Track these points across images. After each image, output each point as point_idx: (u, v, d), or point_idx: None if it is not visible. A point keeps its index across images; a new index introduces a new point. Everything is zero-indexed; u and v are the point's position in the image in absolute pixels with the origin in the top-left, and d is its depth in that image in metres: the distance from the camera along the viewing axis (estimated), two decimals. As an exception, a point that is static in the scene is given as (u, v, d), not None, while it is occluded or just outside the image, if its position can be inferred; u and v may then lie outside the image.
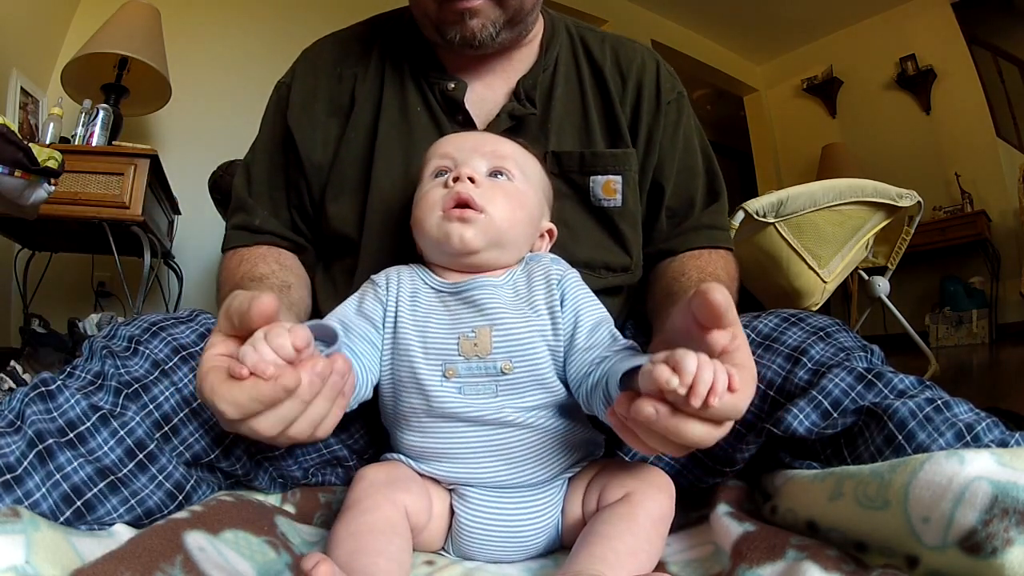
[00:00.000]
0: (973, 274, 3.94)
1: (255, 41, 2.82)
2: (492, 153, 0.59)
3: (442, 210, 0.55)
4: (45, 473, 0.46)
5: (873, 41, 4.41)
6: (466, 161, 0.58)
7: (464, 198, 0.54)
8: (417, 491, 0.50)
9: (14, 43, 2.18)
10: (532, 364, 0.52)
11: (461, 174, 0.56)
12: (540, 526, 0.52)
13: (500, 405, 0.51)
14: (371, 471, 0.50)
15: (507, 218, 0.56)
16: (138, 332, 0.58)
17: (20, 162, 1.19)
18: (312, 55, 0.79)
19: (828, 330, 0.59)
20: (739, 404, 0.40)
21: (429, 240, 0.57)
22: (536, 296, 0.56)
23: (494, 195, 0.56)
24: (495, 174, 0.58)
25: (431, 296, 0.57)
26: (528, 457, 0.52)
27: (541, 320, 0.54)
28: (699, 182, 0.79)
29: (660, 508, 0.48)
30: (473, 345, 0.52)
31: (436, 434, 0.52)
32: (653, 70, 0.78)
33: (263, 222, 0.74)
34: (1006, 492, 0.34)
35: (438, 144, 0.62)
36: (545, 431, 0.52)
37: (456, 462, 0.52)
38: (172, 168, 2.14)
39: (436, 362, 0.52)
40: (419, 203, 0.58)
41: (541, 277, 0.57)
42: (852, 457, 0.51)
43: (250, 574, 0.43)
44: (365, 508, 0.46)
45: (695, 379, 0.37)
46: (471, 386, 0.52)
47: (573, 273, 0.59)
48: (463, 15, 0.66)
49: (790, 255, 1.88)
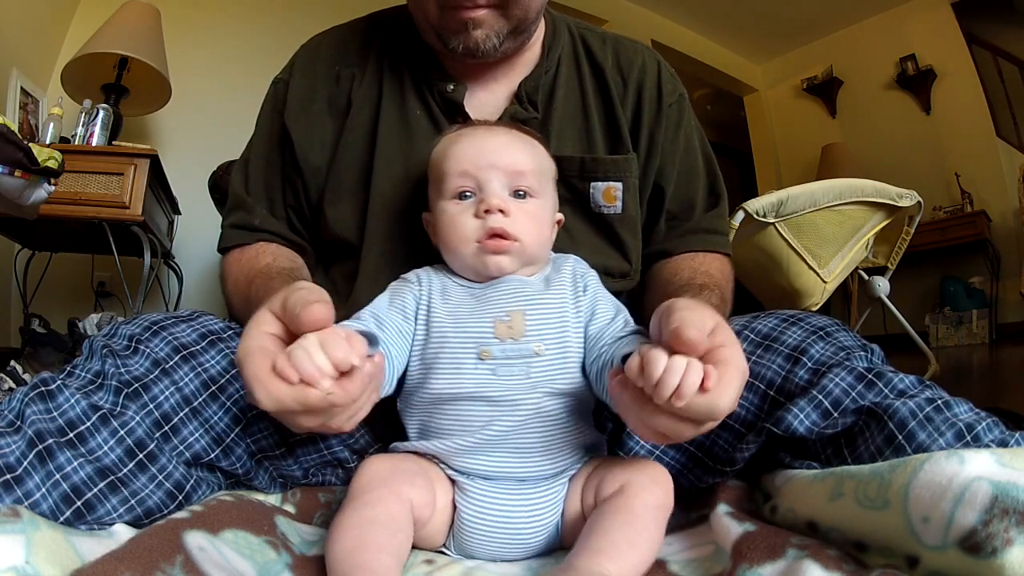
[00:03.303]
0: (973, 274, 3.94)
1: (255, 41, 2.82)
2: (510, 169, 0.59)
3: (477, 241, 0.57)
4: (45, 473, 0.46)
5: (873, 41, 4.41)
6: (488, 183, 0.58)
7: (498, 231, 0.56)
8: (422, 484, 0.50)
9: (14, 43, 2.18)
10: (562, 347, 0.54)
11: (492, 206, 0.57)
12: (541, 524, 0.52)
13: (532, 385, 0.52)
14: (375, 462, 0.50)
15: (536, 241, 0.59)
16: (138, 331, 0.58)
17: (20, 162, 1.19)
18: (310, 51, 0.78)
19: (828, 330, 0.59)
20: (715, 404, 0.40)
21: (463, 266, 0.59)
22: (564, 286, 0.59)
23: (522, 221, 0.58)
24: (516, 193, 0.59)
25: (461, 292, 0.58)
26: (541, 445, 0.53)
27: (568, 305, 0.57)
28: (700, 184, 0.78)
29: (656, 498, 0.48)
30: (508, 328, 0.54)
31: (460, 418, 0.53)
32: (654, 72, 0.78)
33: (262, 221, 0.74)
34: (1006, 492, 0.34)
35: (453, 155, 0.60)
36: (562, 421, 0.53)
37: (471, 448, 0.52)
38: (172, 168, 2.14)
39: (471, 345, 0.54)
40: (450, 231, 0.59)
41: (568, 271, 0.61)
42: (852, 457, 0.51)
43: (250, 574, 0.43)
44: (368, 501, 0.46)
45: (659, 380, 0.39)
46: (505, 367, 0.53)
47: (594, 272, 0.63)
48: (466, 25, 0.65)
49: (790, 255, 1.88)
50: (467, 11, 0.64)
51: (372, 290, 0.61)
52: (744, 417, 0.57)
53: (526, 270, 0.60)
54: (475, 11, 0.64)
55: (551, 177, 0.64)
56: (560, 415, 0.53)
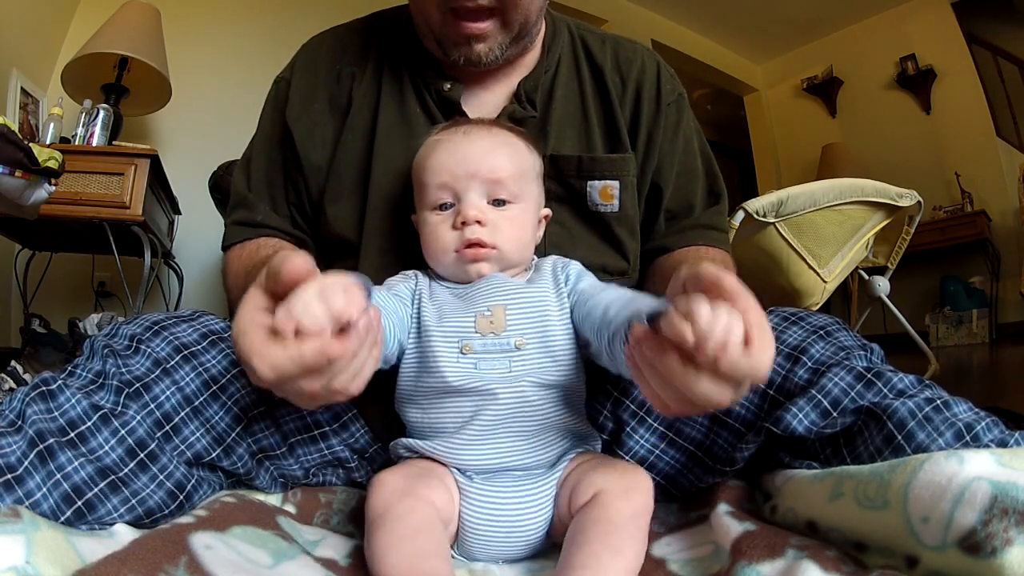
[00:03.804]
0: (973, 274, 3.94)
1: (255, 41, 2.82)
2: (488, 177, 0.59)
3: (455, 251, 0.59)
4: (46, 473, 0.46)
5: (873, 41, 4.41)
6: (466, 194, 0.59)
7: (475, 242, 0.58)
8: (438, 485, 0.51)
9: (14, 43, 2.18)
10: (544, 340, 0.55)
11: (469, 218, 0.58)
12: (539, 517, 0.52)
13: (514, 378, 0.53)
14: (390, 476, 0.50)
15: (515, 247, 0.61)
16: (139, 331, 0.58)
17: (20, 162, 1.19)
18: (311, 51, 0.79)
19: (828, 329, 0.59)
20: (760, 361, 0.37)
21: (445, 272, 0.61)
22: (545, 281, 0.60)
23: (501, 228, 0.59)
24: (495, 201, 0.60)
25: (447, 293, 0.60)
26: (530, 433, 0.53)
27: (550, 299, 0.58)
28: (698, 184, 0.79)
29: (632, 505, 0.47)
30: (489, 322, 0.55)
31: (448, 411, 0.54)
32: (653, 72, 0.78)
33: (265, 218, 0.74)
34: (1005, 492, 0.34)
35: (431, 167, 0.61)
36: (549, 411, 0.54)
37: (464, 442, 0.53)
38: (172, 168, 2.14)
39: (453, 339, 0.55)
40: (430, 241, 0.61)
41: (548, 268, 0.62)
42: (851, 457, 0.51)
43: (265, 558, 0.43)
44: (399, 514, 0.46)
45: (706, 332, 0.36)
46: (486, 361, 0.54)
47: (575, 263, 0.63)
48: (469, 40, 0.66)
49: (790, 255, 1.88)
50: (470, 23, 0.64)
51: None
52: (744, 416, 0.57)
53: (508, 272, 0.61)
54: (478, 23, 0.65)
55: (534, 176, 0.64)
56: (545, 404, 0.54)
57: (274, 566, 0.43)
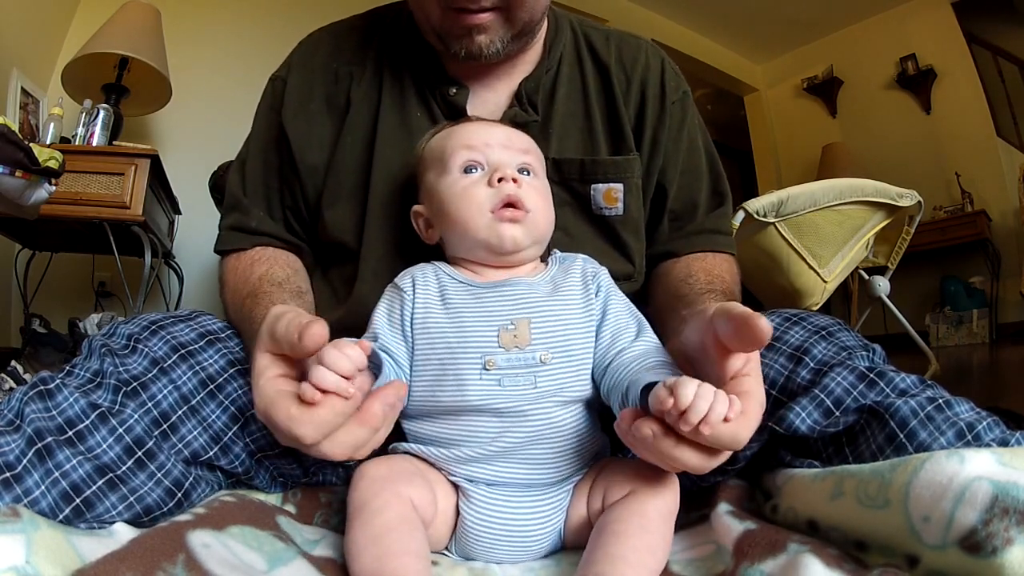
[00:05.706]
0: (973, 274, 3.94)
1: (256, 40, 2.82)
2: (517, 148, 0.60)
3: (491, 211, 0.56)
4: (44, 471, 0.46)
5: (873, 41, 4.41)
6: (499, 157, 0.58)
7: (513, 199, 0.56)
8: (420, 484, 0.49)
9: (14, 43, 2.18)
10: (570, 355, 0.53)
11: (506, 174, 0.56)
12: (546, 529, 0.51)
13: (539, 395, 0.51)
14: (371, 467, 0.49)
15: (545, 216, 0.59)
16: (137, 330, 0.58)
17: (21, 162, 1.19)
18: (308, 48, 0.77)
19: (830, 329, 0.59)
20: (737, 433, 0.41)
21: (475, 240, 0.57)
22: (573, 289, 0.57)
23: (531, 194, 0.57)
24: (522, 171, 0.59)
25: (462, 292, 0.56)
26: (551, 456, 0.52)
27: (577, 310, 0.55)
28: (703, 184, 0.78)
29: (667, 504, 0.48)
30: (513, 336, 0.52)
31: (467, 429, 0.51)
32: (658, 69, 0.77)
33: (259, 223, 0.72)
34: (1006, 492, 0.34)
35: (456, 136, 0.60)
36: (572, 431, 0.52)
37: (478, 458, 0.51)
38: (172, 168, 2.14)
39: (475, 355, 0.51)
40: (460, 201, 0.57)
41: (577, 273, 0.59)
42: (853, 456, 0.51)
43: (260, 563, 0.43)
44: (376, 508, 0.45)
45: (689, 407, 0.39)
46: (510, 377, 0.51)
47: (605, 271, 0.61)
48: (470, 31, 0.64)
49: (790, 255, 1.88)
50: (471, 16, 0.63)
51: (371, 294, 0.61)
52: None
53: (533, 253, 0.59)
54: (479, 16, 0.63)
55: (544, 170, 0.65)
56: (571, 426, 0.52)
57: (268, 572, 0.43)
